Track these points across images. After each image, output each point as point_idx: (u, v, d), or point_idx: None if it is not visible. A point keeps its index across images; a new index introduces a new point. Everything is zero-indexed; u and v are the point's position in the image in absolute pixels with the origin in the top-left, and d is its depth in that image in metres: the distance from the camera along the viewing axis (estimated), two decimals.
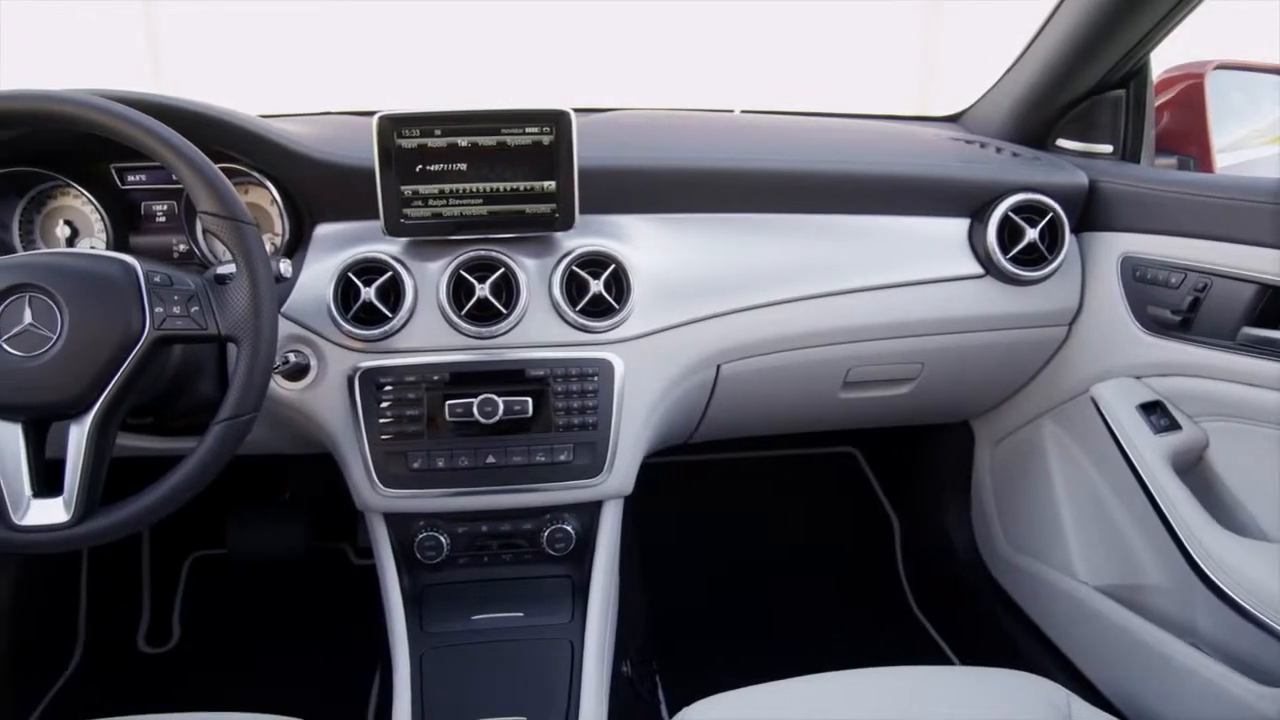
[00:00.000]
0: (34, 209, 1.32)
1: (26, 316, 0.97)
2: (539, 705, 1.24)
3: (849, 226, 1.40)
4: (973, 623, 1.90)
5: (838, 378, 1.49)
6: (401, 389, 1.23)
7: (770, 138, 1.59)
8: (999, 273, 1.40)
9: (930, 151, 1.57)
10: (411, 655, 1.28)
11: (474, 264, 1.24)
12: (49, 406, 0.98)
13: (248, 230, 1.00)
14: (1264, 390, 1.19)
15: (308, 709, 1.13)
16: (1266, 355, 1.18)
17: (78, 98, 0.98)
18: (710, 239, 1.35)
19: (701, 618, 2.04)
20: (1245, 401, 1.23)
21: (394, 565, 1.33)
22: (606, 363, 1.26)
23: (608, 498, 1.33)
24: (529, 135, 1.18)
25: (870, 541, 2.23)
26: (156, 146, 0.99)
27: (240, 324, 0.99)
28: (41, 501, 0.98)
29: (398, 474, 1.25)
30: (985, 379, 1.62)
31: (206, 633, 2.04)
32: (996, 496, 1.82)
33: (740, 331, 1.35)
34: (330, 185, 1.26)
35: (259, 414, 1.02)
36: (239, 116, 1.23)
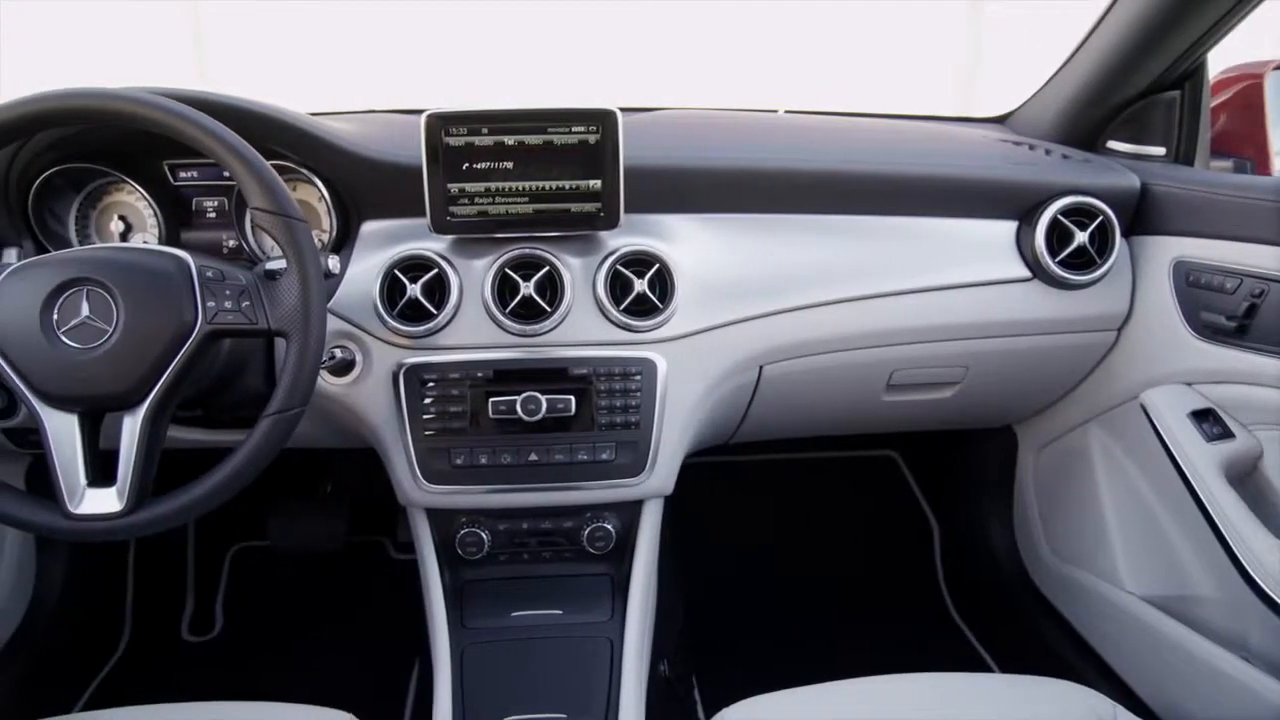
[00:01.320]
0: (89, 205, 1.34)
1: (84, 310, 0.98)
2: (578, 702, 1.25)
3: (895, 228, 1.39)
4: (1013, 630, 1.88)
5: (881, 380, 1.47)
6: (445, 386, 1.24)
7: (814, 138, 1.58)
8: (1047, 276, 1.38)
9: (977, 153, 1.55)
10: (452, 650, 1.29)
11: (519, 262, 1.24)
12: (104, 398, 0.99)
13: (298, 226, 1.01)
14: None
15: (348, 700, 1.14)
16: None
17: (136, 95, 1.00)
18: (755, 239, 1.34)
19: (737, 619, 2.03)
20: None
21: (435, 560, 1.34)
22: (649, 362, 1.26)
23: (649, 497, 1.34)
24: (575, 134, 1.18)
25: (909, 546, 2.21)
26: (210, 143, 1.00)
27: (290, 319, 1.01)
28: (96, 491, 1.00)
29: (440, 470, 1.25)
30: (1031, 384, 1.60)
31: (248, 623, 2.07)
32: (1039, 503, 1.80)
33: (784, 332, 1.34)
34: (377, 182, 1.27)
35: (306, 408, 1.04)
36: (289, 114, 1.24)
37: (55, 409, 0.99)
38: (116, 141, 1.27)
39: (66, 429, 1.00)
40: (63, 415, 0.99)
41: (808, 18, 3.76)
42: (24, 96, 1.00)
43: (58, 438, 0.99)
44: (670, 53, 3.50)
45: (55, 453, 0.99)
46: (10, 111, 0.99)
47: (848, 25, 3.87)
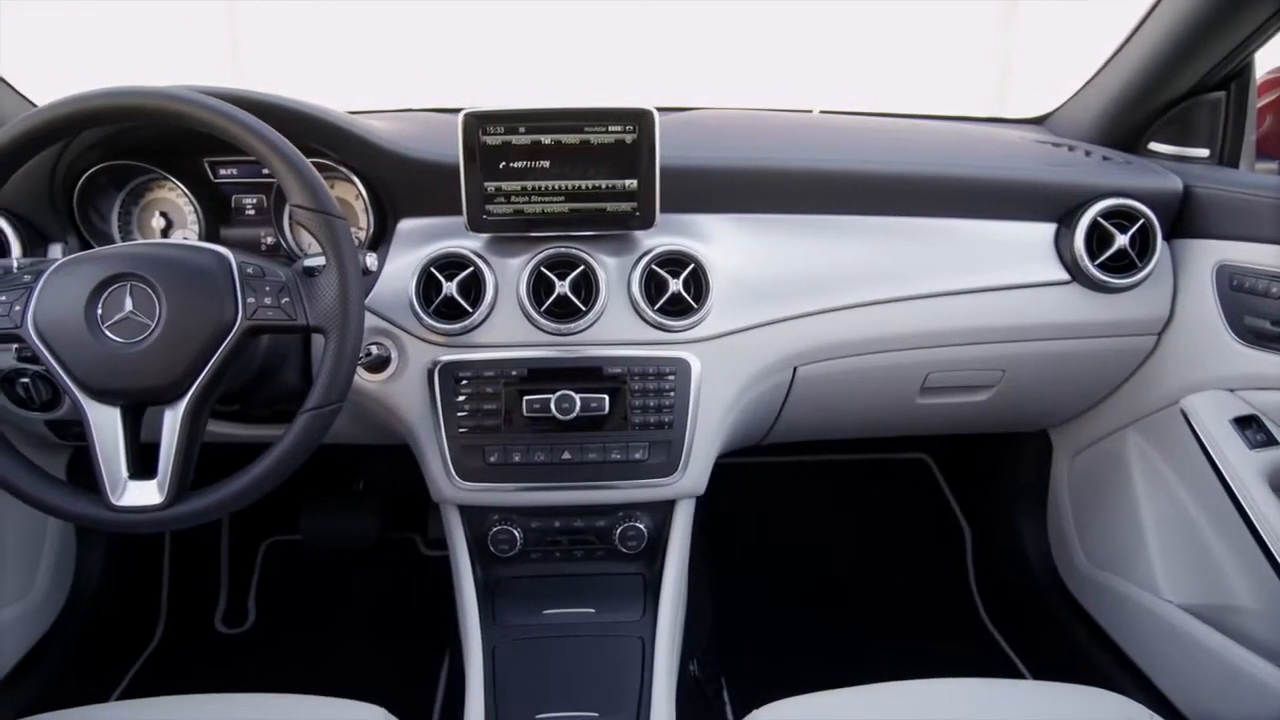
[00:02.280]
0: (131, 202, 1.36)
1: (127, 304, 1.00)
2: (610, 701, 1.25)
3: (931, 229, 1.37)
4: (1046, 636, 1.86)
5: (916, 383, 1.46)
6: (480, 383, 1.24)
7: (850, 138, 1.57)
8: (1086, 279, 1.36)
9: (1015, 154, 1.53)
10: (484, 646, 1.30)
11: (554, 261, 1.25)
12: (146, 391, 1.01)
13: (338, 224, 1.02)
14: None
15: (378, 693, 1.15)
16: None
17: (181, 94, 1.01)
18: (790, 240, 1.34)
19: (767, 620, 2.03)
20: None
21: (468, 557, 1.35)
22: (684, 362, 1.26)
23: (681, 497, 1.33)
24: (612, 134, 1.18)
25: (940, 550, 2.19)
26: (252, 141, 1.01)
27: (328, 316, 1.01)
28: (137, 483, 1.01)
29: (474, 467, 1.26)
30: (1067, 388, 1.58)
31: (280, 616, 2.09)
32: (1074, 509, 1.78)
33: (818, 334, 1.34)
34: (415, 181, 1.28)
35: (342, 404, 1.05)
36: (329, 112, 1.25)
37: (98, 402, 1.01)
38: (158, 139, 1.29)
39: (109, 422, 1.01)
40: (106, 408, 1.01)
41: (842, 17, 3.74)
42: (72, 95, 1.02)
43: (100, 430, 1.01)
44: (705, 53, 3.49)
45: (98, 445, 1.01)
46: (59, 110, 1.01)
47: (882, 24, 3.85)
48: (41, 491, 1.03)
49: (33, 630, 1.66)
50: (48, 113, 1.00)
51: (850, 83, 3.48)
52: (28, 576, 1.65)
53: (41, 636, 1.67)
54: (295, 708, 1.11)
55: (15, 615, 1.59)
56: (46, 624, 1.69)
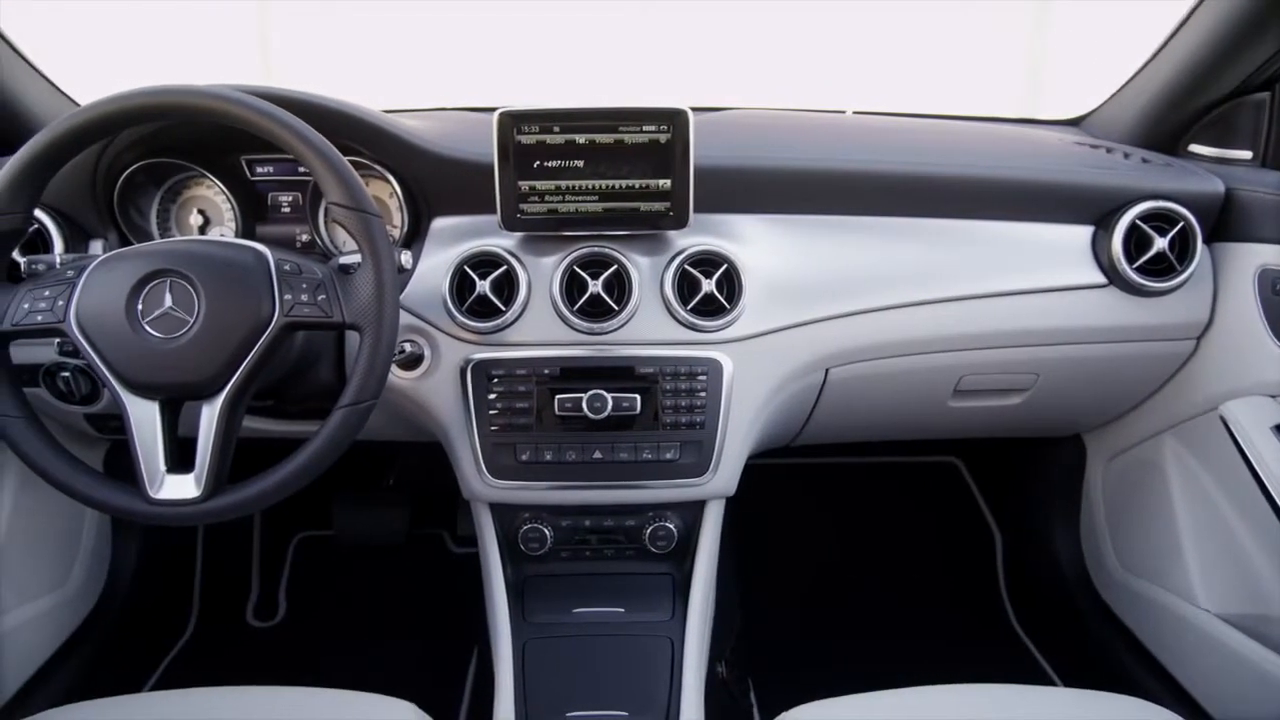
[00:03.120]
0: (169, 199, 1.38)
1: (167, 300, 1.01)
2: (639, 700, 1.25)
3: (966, 231, 1.36)
4: (1078, 643, 1.83)
5: (949, 386, 1.45)
6: (512, 381, 1.25)
7: (884, 139, 1.56)
8: (1124, 283, 1.34)
9: (1052, 155, 1.52)
10: (514, 644, 1.30)
11: (587, 260, 1.25)
12: (185, 387, 1.02)
13: (374, 222, 1.03)
14: None
15: (406, 687, 1.16)
16: None
17: (221, 92, 1.02)
18: (823, 241, 1.33)
19: (795, 622, 2.02)
20: None
21: (498, 555, 1.35)
22: (716, 362, 1.25)
23: (712, 498, 1.33)
24: (646, 133, 1.18)
25: (970, 554, 2.17)
26: (290, 139, 1.02)
27: (364, 313, 1.02)
28: (175, 477, 1.02)
29: (506, 465, 1.26)
30: (1103, 392, 1.56)
31: (310, 610, 2.11)
32: (1108, 514, 1.75)
33: (851, 335, 1.33)
34: (449, 179, 1.28)
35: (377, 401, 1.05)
36: (364, 111, 1.26)
37: (138, 396, 1.02)
38: (197, 138, 1.31)
39: (148, 416, 1.02)
40: (145, 403, 1.02)
41: (874, 17, 3.72)
42: (115, 94, 1.03)
43: (139, 424, 1.02)
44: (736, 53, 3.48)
45: (137, 439, 1.02)
46: (103, 108, 1.02)
47: (914, 25, 3.82)
48: (82, 484, 1.04)
49: (69, 620, 1.68)
50: (92, 111, 1.02)
51: (882, 83, 3.45)
52: (65, 568, 1.67)
53: (77, 627, 1.70)
54: (327, 702, 1.12)
55: (52, 605, 1.62)
56: (82, 615, 1.72)
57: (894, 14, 3.77)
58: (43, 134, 1.03)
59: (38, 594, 1.58)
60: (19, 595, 1.53)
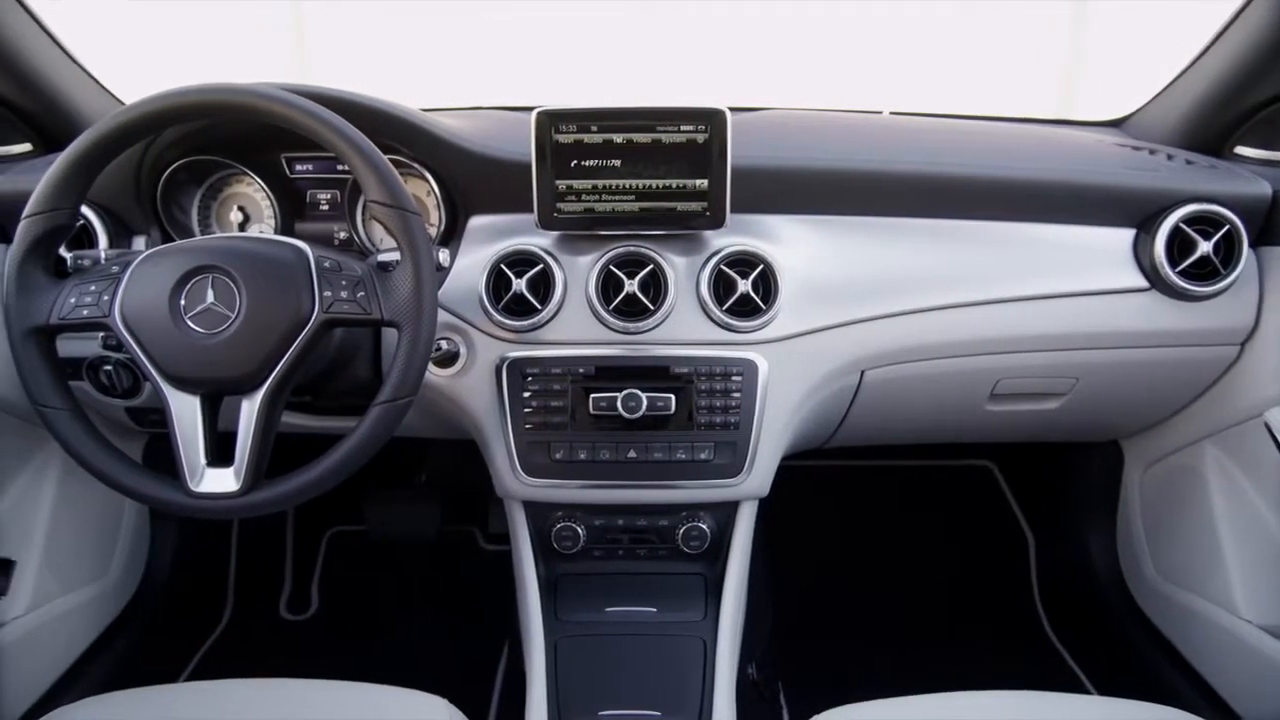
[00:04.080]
0: (210, 196, 1.40)
1: (209, 296, 1.02)
2: (671, 700, 1.25)
3: (1005, 233, 1.35)
4: (1112, 651, 1.81)
5: (985, 389, 1.44)
6: (547, 380, 1.25)
7: (921, 140, 1.54)
8: (1166, 287, 1.32)
9: (1093, 156, 1.50)
10: (546, 641, 1.30)
11: (623, 259, 1.25)
12: (225, 381, 1.03)
13: (414, 219, 1.04)
14: None
15: (437, 684, 1.16)
16: None
17: (264, 91, 1.03)
18: (860, 242, 1.32)
19: (825, 625, 2.01)
20: None
21: (531, 553, 1.36)
22: (751, 363, 1.25)
23: (745, 498, 1.33)
24: (684, 133, 1.18)
25: (1003, 559, 2.15)
26: (332, 137, 1.03)
27: (403, 310, 1.03)
28: (214, 471, 1.04)
29: (540, 463, 1.27)
30: (1143, 397, 1.54)
31: (342, 604, 2.13)
32: (1145, 521, 1.73)
33: (887, 337, 1.32)
34: (486, 178, 1.29)
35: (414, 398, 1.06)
36: (404, 110, 1.27)
37: (179, 390, 1.03)
38: (238, 136, 1.32)
39: (189, 410, 1.04)
40: (186, 397, 1.04)
41: (909, 18, 3.69)
42: (160, 92, 1.05)
43: (181, 418, 1.04)
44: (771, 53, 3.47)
45: (178, 433, 1.03)
46: (147, 106, 1.04)
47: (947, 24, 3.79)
48: (125, 476, 1.06)
49: (108, 611, 1.71)
50: (138, 109, 1.03)
51: (917, 83, 3.43)
52: (105, 559, 1.70)
53: (116, 617, 1.72)
54: (361, 695, 1.13)
55: (92, 595, 1.65)
56: (121, 605, 1.75)
57: (930, 14, 3.74)
58: (90, 132, 1.04)
59: (79, 584, 1.61)
60: (62, 585, 1.55)
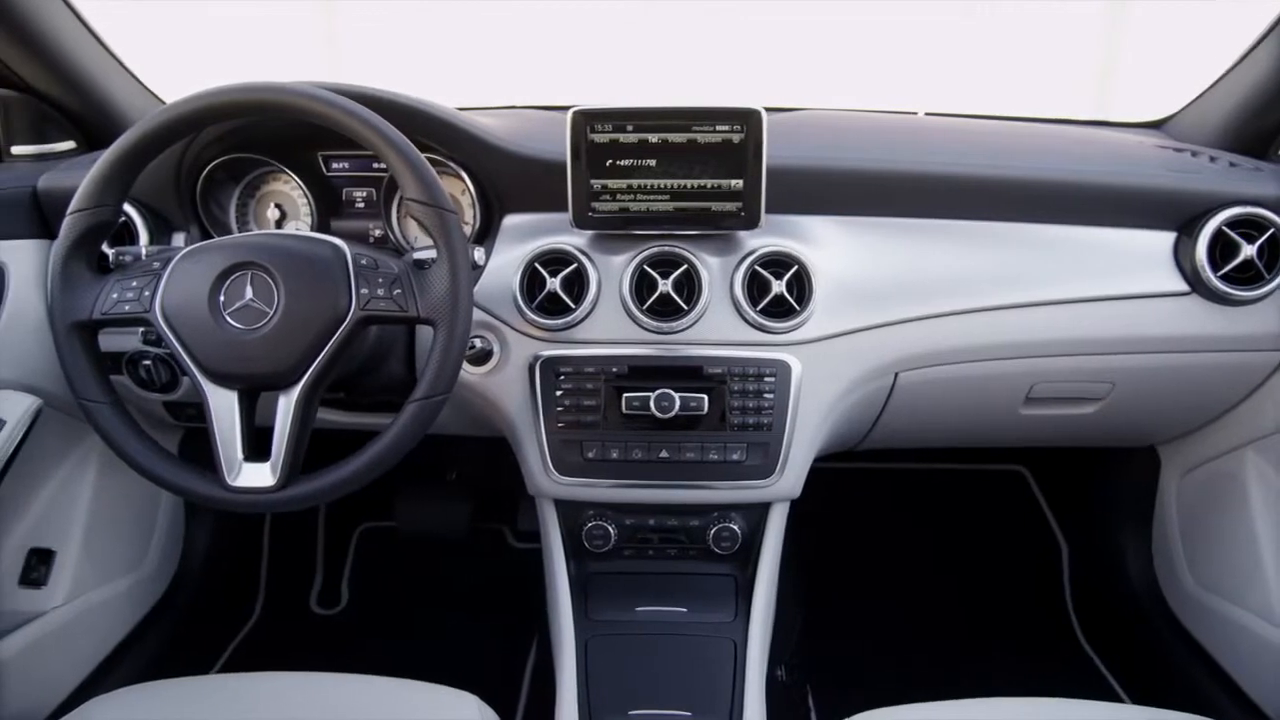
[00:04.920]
0: (248, 194, 1.41)
1: (248, 293, 1.04)
2: (702, 701, 1.25)
3: (1042, 236, 1.33)
4: (1146, 659, 1.79)
5: (1020, 393, 1.42)
6: (580, 379, 1.25)
7: (958, 141, 1.53)
8: (1208, 291, 1.30)
9: (1133, 158, 1.47)
10: (577, 640, 1.30)
11: (657, 259, 1.25)
12: (263, 377, 1.04)
13: (450, 218, 1.04)
14: None
15: (465, 679, 1.17)
16: None
17: (304, 90, 1.04)
18: (895, 243, 1.31)
19: (853, 629, 2.00)
20: None
21: (562, 551, 1.36)
22: (784, 364, 1.25)
23: (777, 500, 1.33)
24: (719, 133, 1.18)
25: (1035, 565, 2.13)
26: (371, 136, 1.04)
27: (439, 308, 1.03)
28: (252, 465, 1.05)
29: (572, 462, 1.27)
30: (1181, 403, 1.51)
31: (372, 599, 2.15)
32: (1182, 529, 1.70)
33: (921, 340, 1.31)
34: (521, 177, 1.29)
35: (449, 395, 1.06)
36: (440, 109, 1.28)
37: (218, 385, 1.05)
38: (276, 134, 1.33)
39: (227, 405, 1.05)
40: (224, 392, 1.05)
41: (943, 17, 3.67)
42: (201, 91, 1.06)
43: (219, 413, 1.05)
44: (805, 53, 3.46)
45: (216, 427, 1.05)
46: (190, 105, 1.05)
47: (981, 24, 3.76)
48: (164, 470, 1.07)
49: (143, 602, 1.73)
50: (181, 107, 1.05)
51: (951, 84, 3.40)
52: (141, 550, 1.72)
53: (150, 609, 1.75)
54: (393, 691, 1.13)
55: (128, 586, 1.67)
56: (155, 597, 1.77)
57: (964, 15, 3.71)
58: (133, 130, 1.06)
59: (116, 575, 1.64)
60: (99, 576, 1.58)
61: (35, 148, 1.47)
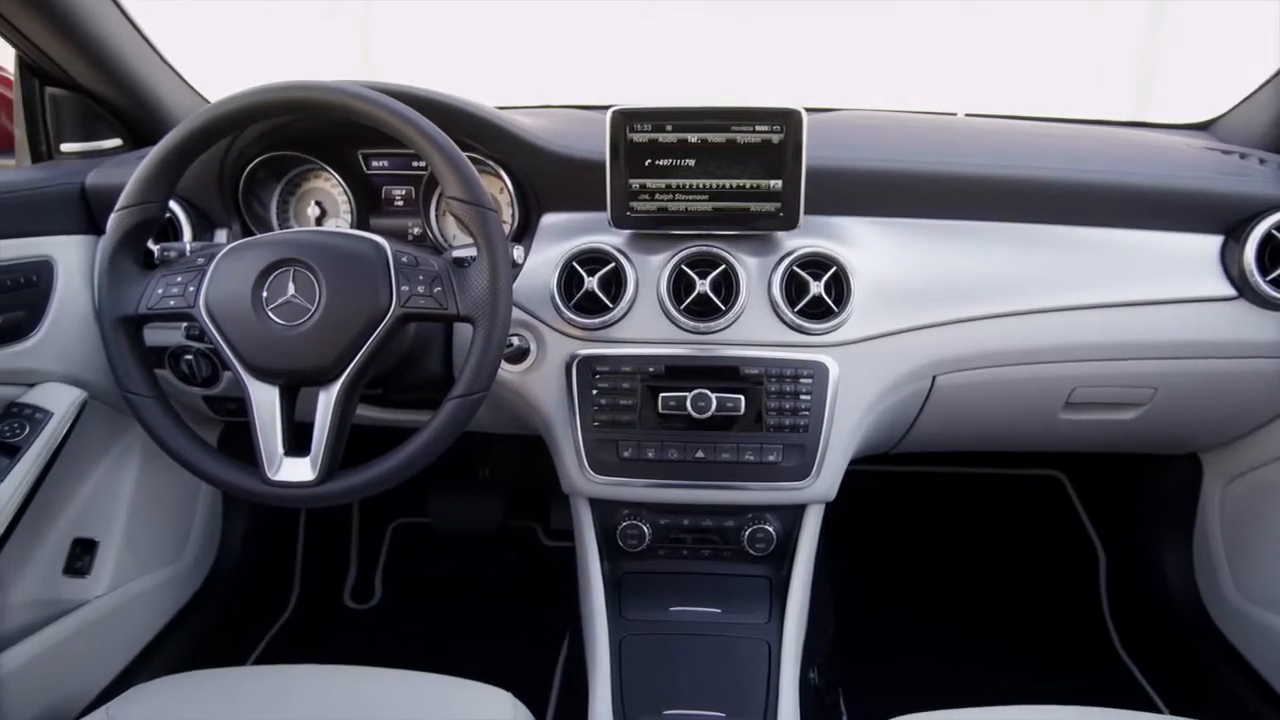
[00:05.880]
0: (289, 191, 1.43)
1: (290, 289, 1.05)
2: (736, 702, 1.24)
3: (1084, 239, 1.31)
4: (1187, 670, 1.76)
5: (1060, 397, 1.40)
6: (617, 378, 1.25)
7: (999, 142, 1.51)
8: (1256, 295, 1.28)
9: (1178, 160, 1.45)
10: (611, 638, 1.31)
11: (695, 259, 1.25)
12: (304, 373, 1.05)
13: (491, 216, 1.05)
14: None
15: (496, 675, 1.17)
16: None
17: (347, 88, 1.05)
18: (934, 245, 1.30)
19: (886, 633, 1.98)
20: None
21: (596, 550, 1.36)
22: (822, 366, 1.24)
23: (812, 502, 1.32)
24: (759, 133, 1.17)
25: (1071, 573, 2.10)
26: (413, 135, 1.05)
27: (479, 306, 1.04)
28: (292, 460, 1.06)
29: (608, 461, 1.27)
30: (1226, 410, 1.49)
31: (404, 594, 2.16)
32: (1226, 538, 1.67)
33: (960, 343, 1.30)
34: (560, 176, 1.30)
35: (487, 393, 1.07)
36: (481, 108, 1.29)
37: (259, 380, 1.06)
38: (317, 133, 1.35)
39: (268, 400, 1.06)
40: (266, 387, 1.06)
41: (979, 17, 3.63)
42: (247, 90, 1.07)
43: (260, 408, 1.06)
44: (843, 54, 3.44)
45: (257, 421, 1.06)
46: (235, 103, 1.06)
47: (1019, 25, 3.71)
48: (207, 463, 1.09)
49: (181, 593, 1.76)
50: (227, 105, 1.06)
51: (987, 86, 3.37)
52: (180, 543, 1.75)
53: (189, 600, 1.77)
54: (428, 686, 1.14)
55: (167, 578, 1.70)
56: (194, 588, 1.79)
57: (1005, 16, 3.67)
58: (180, 128, 1.07)
59: (156, 566, 1.66)
60: (140, 566, 1.60)
61: (83, 145, 1.50)
